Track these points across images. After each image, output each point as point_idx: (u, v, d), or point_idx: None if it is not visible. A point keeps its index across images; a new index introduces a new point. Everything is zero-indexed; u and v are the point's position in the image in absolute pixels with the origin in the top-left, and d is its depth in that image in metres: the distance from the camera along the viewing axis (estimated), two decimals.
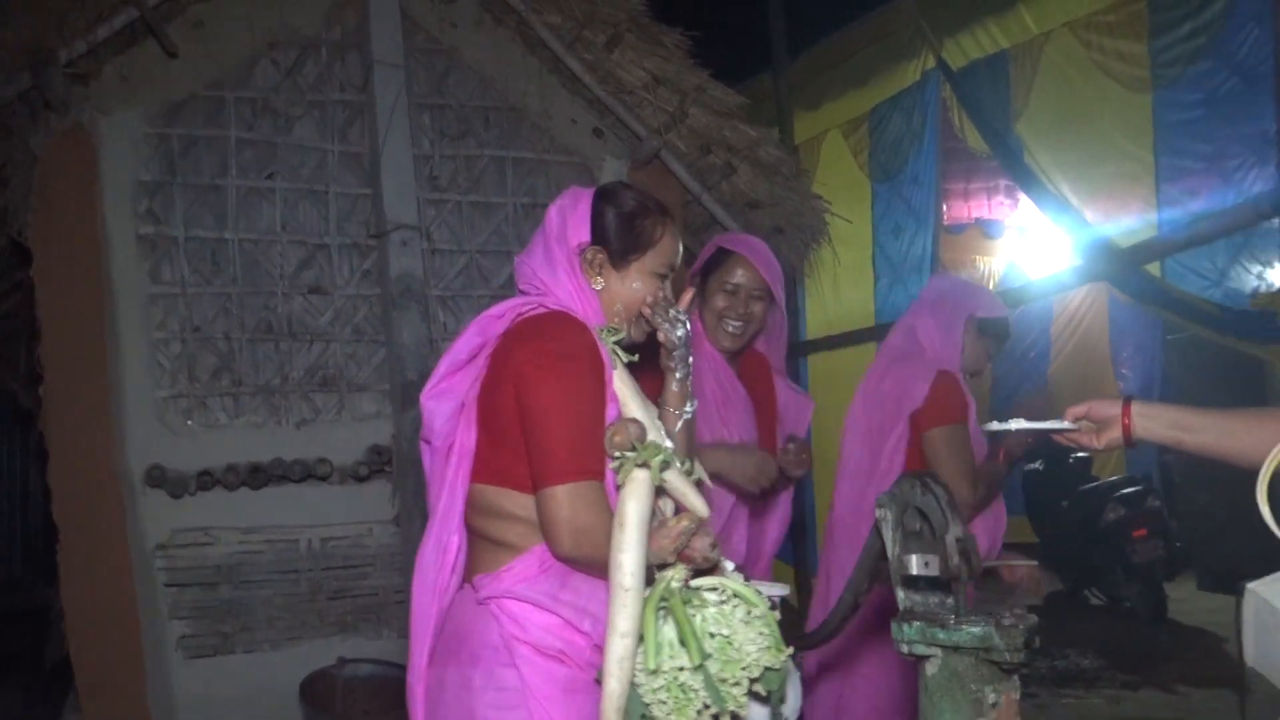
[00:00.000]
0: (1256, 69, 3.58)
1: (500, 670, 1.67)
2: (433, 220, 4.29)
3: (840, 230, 5.33)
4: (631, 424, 1.70)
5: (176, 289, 3.90)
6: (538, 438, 1.68)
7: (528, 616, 1.68)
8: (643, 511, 1.61)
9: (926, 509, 1.58)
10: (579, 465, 1.65)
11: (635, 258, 1.84)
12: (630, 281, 1.84)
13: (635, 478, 1.63)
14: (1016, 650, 1.42)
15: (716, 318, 2.59)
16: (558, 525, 1.63)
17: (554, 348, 1.70)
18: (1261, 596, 1.29)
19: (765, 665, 1.54)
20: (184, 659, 3.79)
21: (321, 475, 3.98)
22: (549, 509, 1.64)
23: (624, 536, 1.58)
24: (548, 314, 1.75)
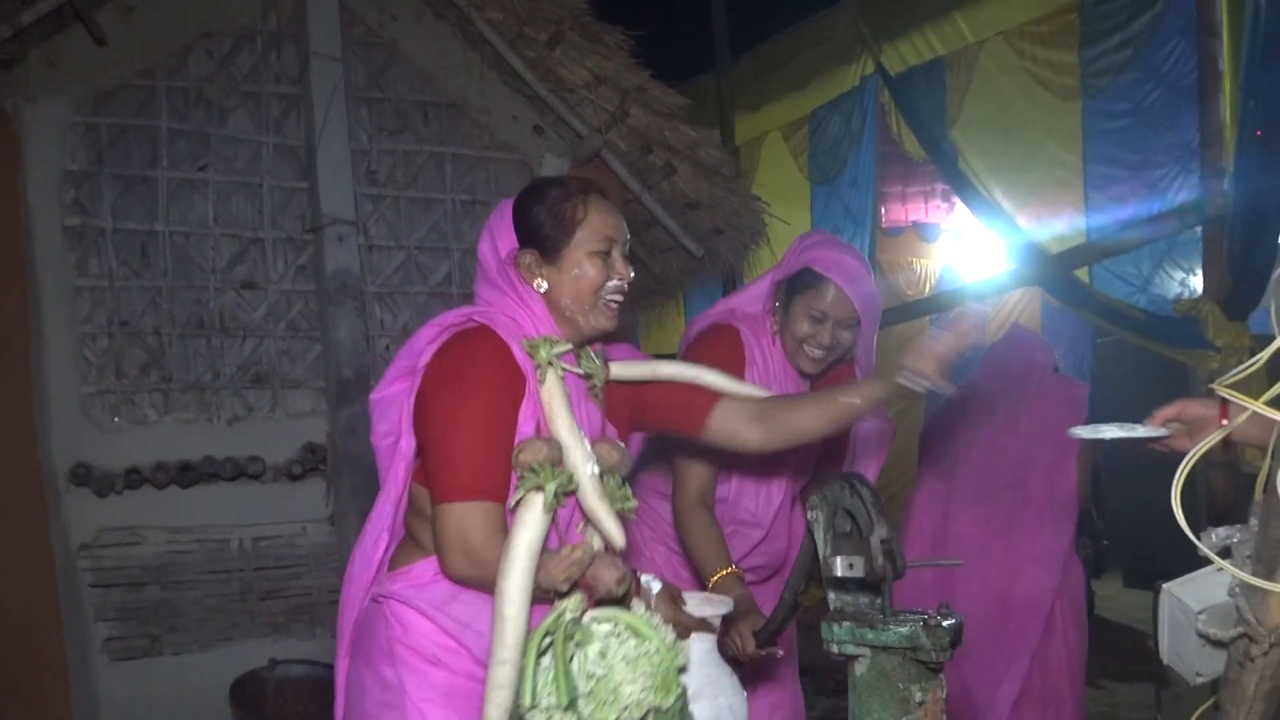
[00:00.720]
0: (1181, 81, 3.69)
1: (383, 670, 1.69)
2: (370, 215, 4.24)
3: (779, 232, 5.38)
4: (541, 443, 1.65)
5: (104, 282, 3.80)
6: (434, 454, 1.66)
7: (410, 621, 1.69)
8: (530, 537, 1.57)
9: (854, 510, 1.61)
10: (469, 485, 1.62)
11: (565, 245, 1.75)
12: (570, 270, 1.75)
13: (528, 501, 1.60)
14: (942, 650, 1.45)
15: (798, 342, 2.33)
16: (446, 543, 1.62)
17: (453, 365, 1.67)
18: (1175, 596, 1.34)
19: (650, 707, 1.48)
20: (109, 662, 3.70)
21: (254, 473, 3.92)
22: (439, 525, 1.63)
23: (507, 562, 1.55)
24: (463, 330, 1.72)
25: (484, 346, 1.68)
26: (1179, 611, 1.34)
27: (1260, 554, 1.23)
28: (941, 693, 1.51)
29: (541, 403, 1.70)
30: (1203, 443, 1.11)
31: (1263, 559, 1.22)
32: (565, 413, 1.70)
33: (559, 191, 1.78)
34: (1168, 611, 1.36)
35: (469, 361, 1.67)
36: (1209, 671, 1.35)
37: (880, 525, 1.54)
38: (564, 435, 1.68)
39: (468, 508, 1.61)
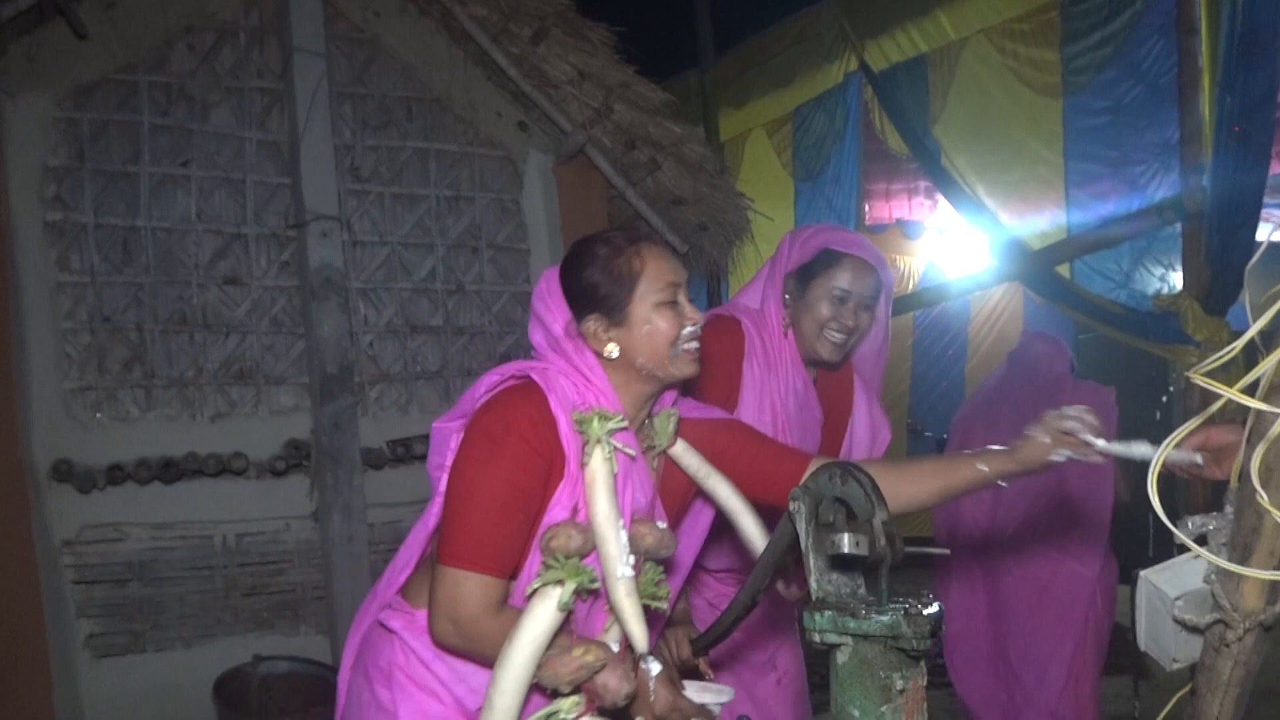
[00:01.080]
0: (1160, 78, 3.71)
1: (380, 691, 1.68)
2: (354, 211, 4.24)
3: (763, 228, 5.39)
4: (576, 532, 1.56)
5: (86, 277, 3.78)
6: (447, 511, 1.59)
7: (412, 654, 1.68)
8: (537, 632, 1.50)
9: (848, 497, 1.61)
10: (471, 554, 1.55)
11: (628, 302, 1.65)
12: (640, 328, 1.65)
13: (543, 594, 1.51)
14: (923, 638, 1.46)
15: (819, 327, 2.21)
16: (436, 606, 1.57)
17: (491, 423, 1.59)
18: (1152, 583, 1.35)
19: None
20: (92, 658, 3.69)
21: (237, 470, 3.90)
22: (435, 585, 1.57)
23: (509, 652, 1.49)
24: (510, 389, 1.64)
25: (525, 412, 1.59)
26: (1156, 598, 1.36)
27: (1235, 540, 1.25)
28: (922, 680, 1.52)
29: (583, 483, 1.60)
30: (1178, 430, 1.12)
31: (1237, 545, 1.24)
32: (606, 500, 1.58)
33: (607, 249, 1.67)
34: (1145, 598, 1.38)
35: (506, 425, 1.58)
36: (1185, 657, 1.37)
37: (880, 508, 1.54)
38: (600, 525, 1.57)
39: (464, 576, 1.54)
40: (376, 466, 4.13)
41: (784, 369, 2.28)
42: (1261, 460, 1.11)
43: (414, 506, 4.29)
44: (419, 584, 1.70)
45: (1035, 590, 3.43)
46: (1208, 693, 1.33)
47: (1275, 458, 1.16)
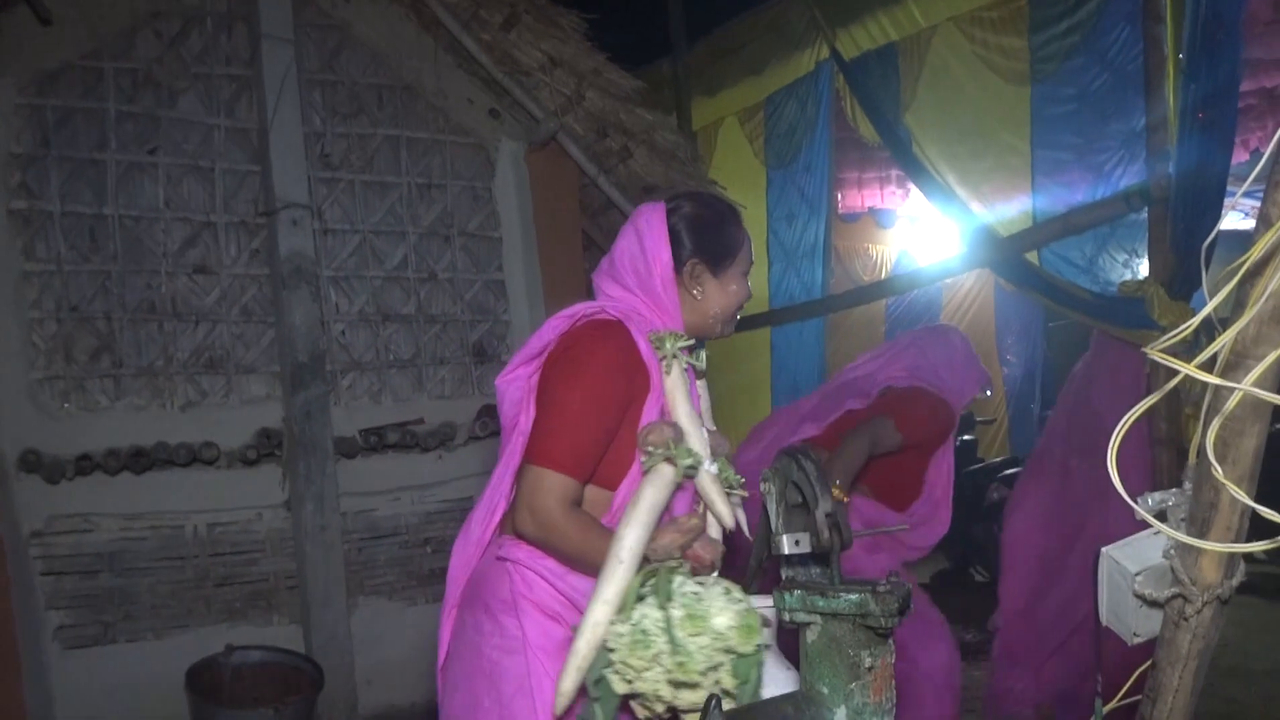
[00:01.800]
0: (1126, 67, 3.74)
1: (506, 619, 1.80)
2: (324, 199, 4.21)
3: None
4: (667, 426, 1.78)
5: (52, 266, 3.74)
6: (537, 421, 1.80)
7: (532, 579, 1.81)
8: (656, 499, 1.71)
9: (800, 484, 1.63)
10: (554, 456, 1.74)
11: (729, 263, 1.91)
12: (729, 285, 1.92)
13: (659, 469, 1.74)
14: (891, 615, 1.48)
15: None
16: (521, 499, 1.76)
17: (575, 347, 1.80)
18: (1113, 558, 1.38)
19: (733, 645, 1.56)
20: (62, 650, 3.66)
21: (208, 459, 3.88)
22: (521, 481, 1.76)
23: (632, 514, 1.69)
24: (595, 320, 1.83)
25: (612, 337, 1.80)
26: (1117, 574, 1.38)
27: (1193, 516, 1.27)
28: (890, 658, 1.54)
29: (665, 392, 1.82)
30: (1136, 408, 1.14)
31: (1196, 520, 1.26)
32: (686, 402, 1.84)
33: (729, 211, 1.94)
34: (1106, 574, 1.40)
35: (590, 347, 1.79)
36: (1146, 632, 1.40)
37: (824, 499, 1.56)
38: (685, 422, 1.82)
39: (545, 474, 1.73)
40: (349, 455, 4.12)
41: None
42: (1217, 436, 1.13)
43: (387, 495, 4.30)
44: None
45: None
46: (1167, 665, 1.35)
47: (1231, 434, 1.18)
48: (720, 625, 1.55)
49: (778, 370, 6.24)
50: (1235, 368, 1.14)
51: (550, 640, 1.78)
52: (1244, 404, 1.13)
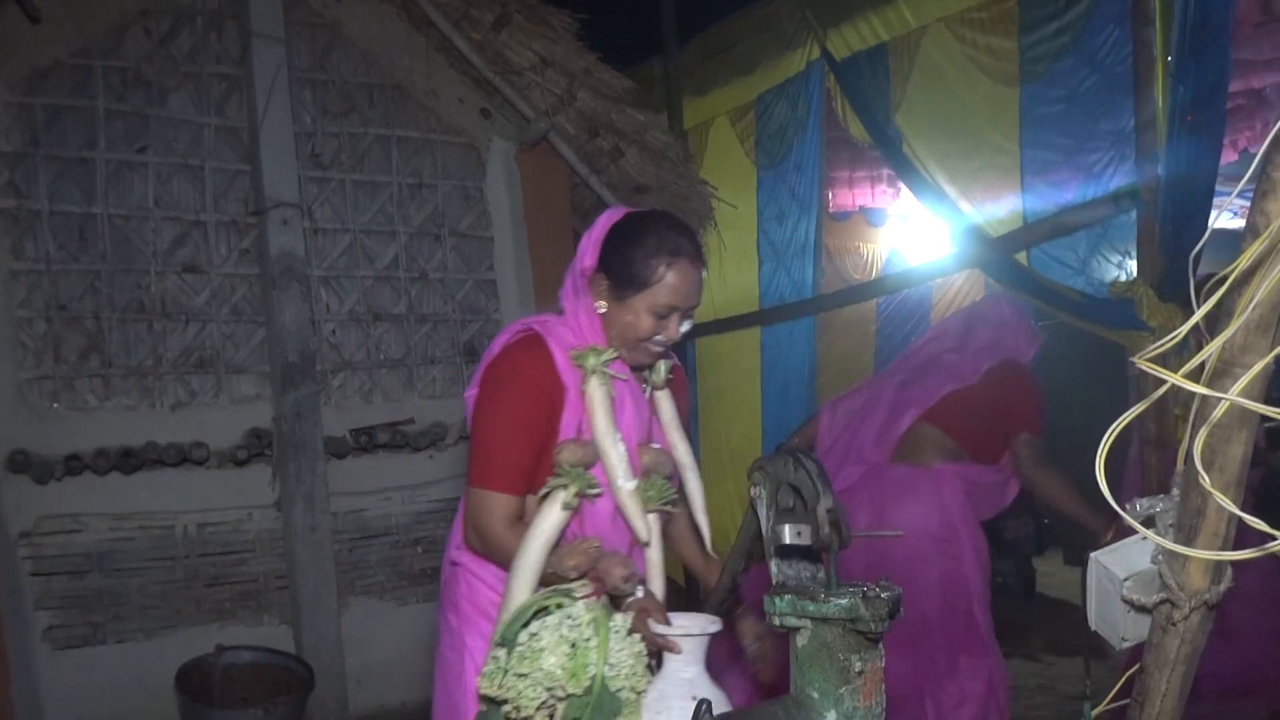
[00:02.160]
0: (1116, 68, 3.75)
1: (452, 618, 1.96)
2: (315, 198, 4.20)
3: (726, 216, 5.41)
4: (578, 446, 1.83)
5: (41, 265, 3.73)
6: (471, 445, 1.88)
7: (474, 583, 1.95)
8: (545, 528, 1.77)
9: (799, 484, 1.64)
10: (484, 476, 1.83)
11: (633, 295, 1.85)
12: (625, 315, 1.86)
13: (552, 496, 1.80)
14: (881, 620, 1.49)
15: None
16: (467, 520, 1.87)
17: (497, 369, 1.87)
18: (1101, 563, 1.39)
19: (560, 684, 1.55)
20: (51, 650, 3.65)
21: (198, 459, 3.87)
22: (466, 503, 1.88)
23: (524, 545, 1.77)
24: (518, 339, 1.89)
25: (527, 356, 1.86)
26: (1105, 579, 1.39)
27: (1181, 522, 1.28)
28: (880, 662, 1.55)
29: (584, 408, 1.85)
30: (1125, 415, 1.15)
31: (1183, 527, 1.27)
32: (603, 418, 1.85)
33: (653, 242, 1.85)
34: (1095, 579, 1.41)
35: (506, 368, 1.86)
36: (1133, 636, 1.40)
37: (826, 495, 1.57)
38: (600, 439, 1.84)
39: (484, 495, 1.83)
40: (339, 455, 4.12)
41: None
42: (1204, 444, 1.14)
43: (378, 495, 4.30)
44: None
45: None
46: (1155, 670, 1.36)
47: (1218, 442, 1.19)
48: (548, 665, 1.55)
49: (768, 369, 6.23)
50: (1223, 375, 1.15)
51: (481, 638, 1.89)
52: (1231, 413, 1.14)
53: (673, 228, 1.90)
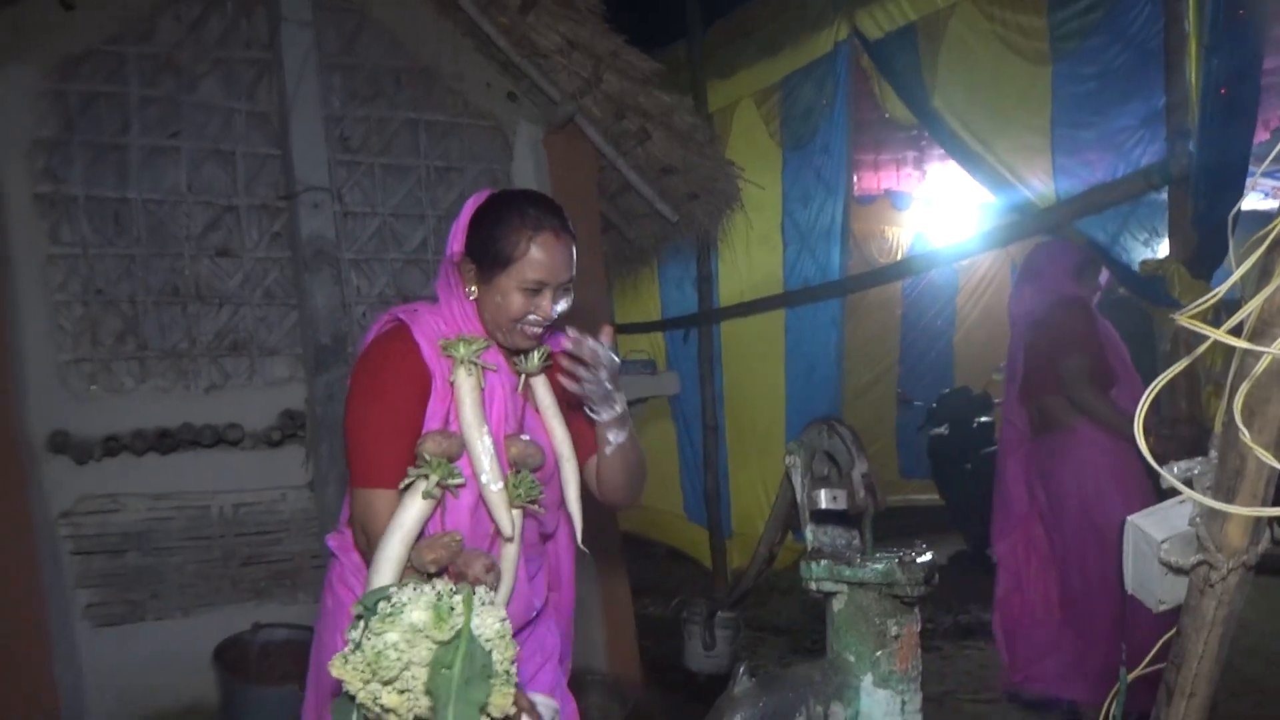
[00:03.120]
0: (1148, 44, 3.72)
1: (327, 598, 2.05)
2: (344, 182, 4.23)
3: (752, 198, 5.40)
4: (443, 437, 1.81)
5: (78, 249, 3.78)
6: (347, 445, 1.87)
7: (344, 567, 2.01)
8: (406, 519, 1.76)
9: (834, 450, 1.65)
10: (364, 474, 1.82)
11: (498, 273, 1.85)
12: (494, 296, 1.86)
13: (413, 488, 1.78)
14: (917, 584, 1.51)
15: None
16: (354, 521, 1.86)
17: (364, 363, 1.88)
18: (1139, 527, 1.39)
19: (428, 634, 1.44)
20: (91, 627, 3.71)
21: (233, 440, 3.92)
22: (352, 506, 1.87)
23: (384, 538, 1.76)
24: (384, 330, 1.91)
25: (394, 346, 1.85)
26: (1142, 542, 1.40)
27: (1220, 484, 1.29)
28: (916, 626, 1.57)
29: (453, 398, 1.84)
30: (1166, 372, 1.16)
31: (1222, 488, 1.28)
32: (471, 411, 1.83)
33: (514, 219, 1.85)
34: (1132, 543, 1.42)
35: (376, 361, 1.86)
36: (1171, 599, 1.41)
37: (860, 460, 1.59)
38: (466, 431, 1.83)
39: (369, 494, 1.80)
40: None
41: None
42: (1244, 401, 1.14)
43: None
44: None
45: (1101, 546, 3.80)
46: (1192, 632, 1.37)
47: (1257, 401, 1.19)
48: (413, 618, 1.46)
49: (793, 352, 6.24)
50: (1261, 335, 1.15)
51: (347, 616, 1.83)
52: (1271, 371, 1.15)
53: (534, 203, 1.90)
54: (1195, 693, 1.39)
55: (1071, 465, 3.89)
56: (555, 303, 1.88)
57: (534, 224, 1.85)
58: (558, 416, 2.02)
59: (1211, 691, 1.38)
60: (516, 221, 1.84)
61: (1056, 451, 3.95)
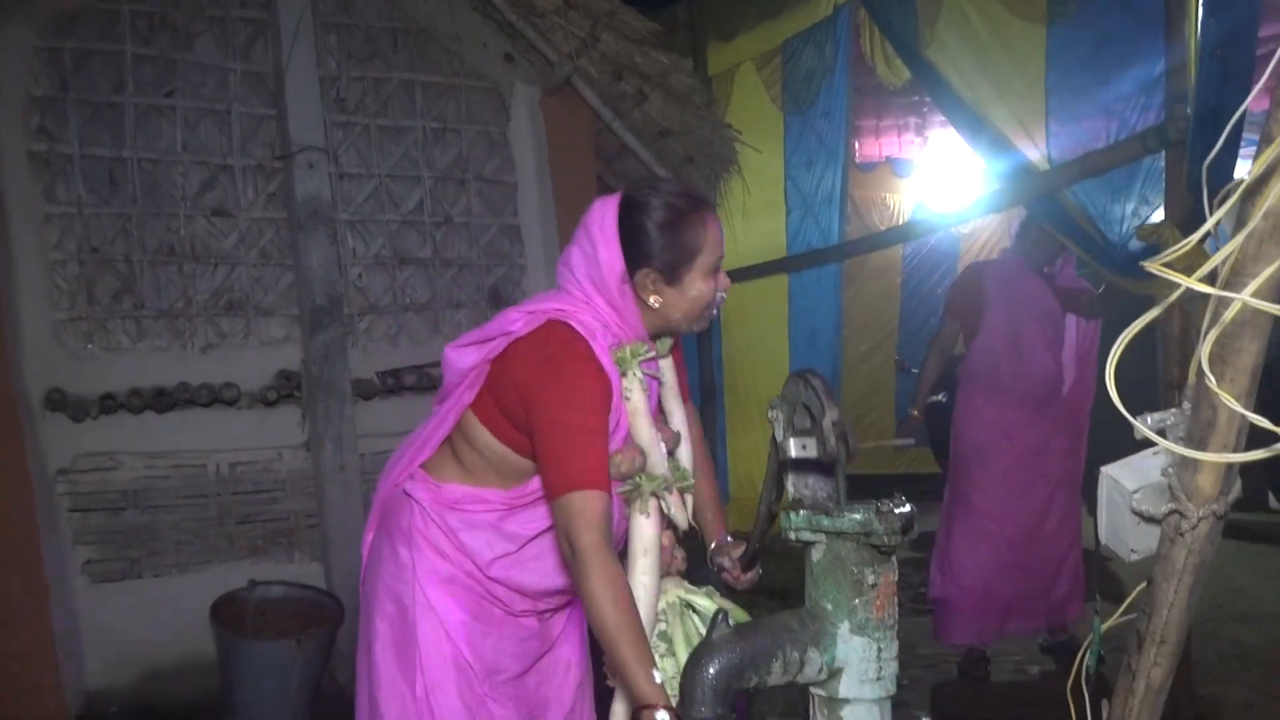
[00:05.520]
0: (1145, 7, 3.69)
1: (400, 548, 1.93)
2: (340, 143, 4.23)
3: (752, 163, 5.38)
4: (638, 453, 1.84)
5: (73, 208, 3.79)
6: (550, 451, 1.73)
7: (431, 524, 1.92)
8: (647, 540, 1.84)
9: (808, 401, 1.66)
10: (588, 478, 1.70)
11: (686, 270, 1.81)
12: (688, 291, 1.83)
13: (642, 506, 1.84)
14: (894, 534, 1.52)
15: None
16: (562, 531, 1.70)
17: (557, 373, 1.75)
18: (1112, 477, 1.41)
19: None
20: (90, 583, 3.76)
21: (229, 400, 3.95)
22: (570, 509, 1.68)
23: (645, 561, 1.84)
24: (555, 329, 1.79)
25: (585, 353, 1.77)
26: (1115, 492, 1.41)
27: (1191, 434, 1.30)
28: (893, 575, 1.59)
29: (625, 412, 1.84)
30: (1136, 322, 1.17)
31: (1193, 438, 1.29)
32: (646, 424, 1.86)
33: (679, 212, 1.80)
34: (1105, 493, 1.43)
35: (572, 365, 1.75)
36: (1142, 549, 1.42)
37: (831, 409, 1.59)
38: (646, 446, 1.86)
39: (588, 496, 1.68)
40: (366, 397, 4.18)
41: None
42: (1213, 350, 1.15)
43: (404, 436, 4.33)
44: (440, 462, 1.95)
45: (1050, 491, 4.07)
46: (1163, 580, 1.38)
47: (1229, 351, 1.20)
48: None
49: (795, 317, 6.24)
50: (1233, 286, 1.16)
51: (435, 574, 1.89)
52: (1241, 321, 1.15)
53: (677, 190, 1.85)
54: (1166, 640, 1.41)
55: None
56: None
57: (696, 207, 1.82)
58: (678, 396, 2.03)
59: (1182, 638, 1.40)
60: (688, 213, 1.80)
61: None
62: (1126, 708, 1.46)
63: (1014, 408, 4.04)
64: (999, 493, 4.04)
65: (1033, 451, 4.05)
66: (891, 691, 1.57)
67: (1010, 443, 4.04)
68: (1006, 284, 4.13)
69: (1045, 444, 4.07)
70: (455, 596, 1.90)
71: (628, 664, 1.57)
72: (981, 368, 4.10)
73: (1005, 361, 4.04)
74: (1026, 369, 4.05)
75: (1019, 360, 4.05)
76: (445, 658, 1.88)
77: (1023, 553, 4.04)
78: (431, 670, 1.88)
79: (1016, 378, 4.04)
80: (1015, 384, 4.04)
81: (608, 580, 1.63)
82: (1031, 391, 4.05)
